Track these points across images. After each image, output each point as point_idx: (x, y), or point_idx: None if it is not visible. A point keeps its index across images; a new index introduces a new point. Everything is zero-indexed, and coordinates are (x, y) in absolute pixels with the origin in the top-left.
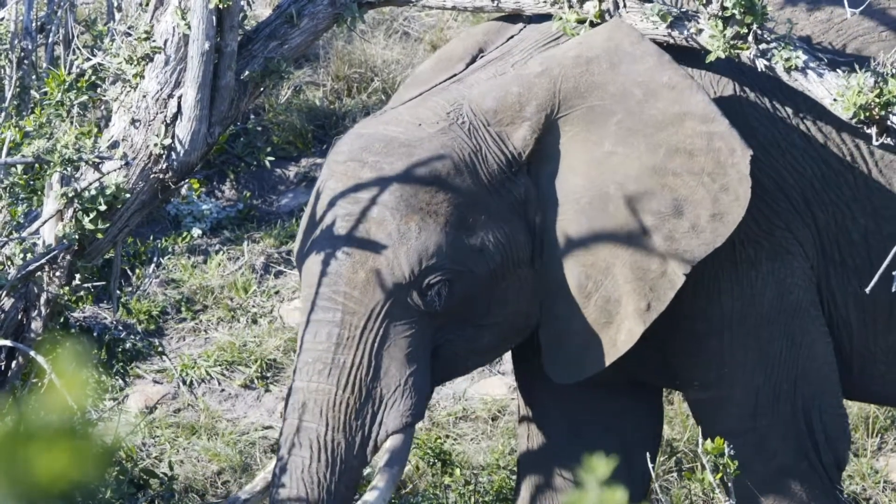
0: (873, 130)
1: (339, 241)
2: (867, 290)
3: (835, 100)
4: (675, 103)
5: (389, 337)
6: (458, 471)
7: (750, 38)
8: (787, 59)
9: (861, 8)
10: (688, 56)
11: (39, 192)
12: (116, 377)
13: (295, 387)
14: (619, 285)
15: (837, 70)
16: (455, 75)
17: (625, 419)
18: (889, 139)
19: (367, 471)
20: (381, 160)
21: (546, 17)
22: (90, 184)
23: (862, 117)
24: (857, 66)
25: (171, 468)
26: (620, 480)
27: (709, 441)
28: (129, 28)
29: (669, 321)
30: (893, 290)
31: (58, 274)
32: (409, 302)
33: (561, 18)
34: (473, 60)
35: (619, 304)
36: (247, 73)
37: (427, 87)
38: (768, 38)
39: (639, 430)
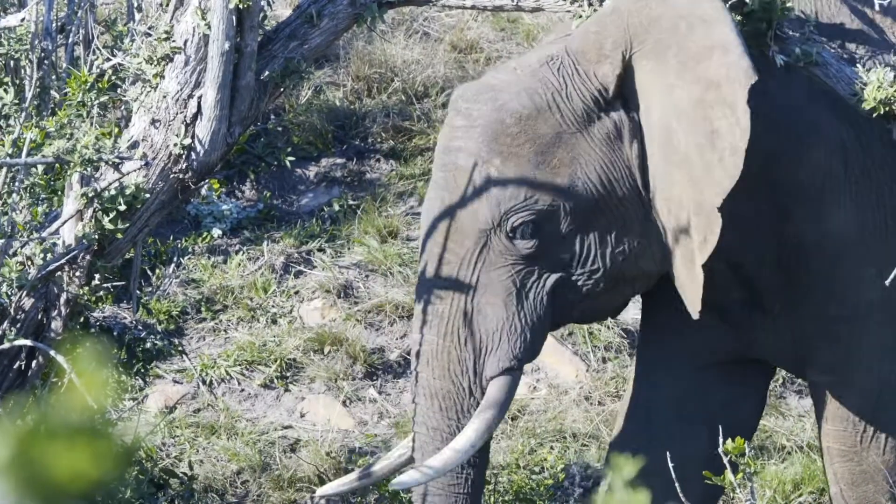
0: (894, 125)
1: (435, 192)
2: (886, 282)
3: (854, 94)
4: (706, 37)
5: (484, 283)
6: None
7: (769, 33)
8: (807, 55)
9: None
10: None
11: (59, 193)
12: (136, 377)
13: (411, 339)
14: (689, 219)
15: (857, 65)
16: None
17: (728, 412)
18: None
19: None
20: (470, 106)
21: None
22: (110, 184)
23: (882, 112)
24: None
25: (190, 468)
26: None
27: (729, 441)
28: (148, 28)
29: (806, 302)
30: None
31: (78, 274)
32: (500, 246)
33: (580, 17)
34: None
35: (691, 240)
36: (267, 73)
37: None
38: (788, 34)
39: (737, 426)
